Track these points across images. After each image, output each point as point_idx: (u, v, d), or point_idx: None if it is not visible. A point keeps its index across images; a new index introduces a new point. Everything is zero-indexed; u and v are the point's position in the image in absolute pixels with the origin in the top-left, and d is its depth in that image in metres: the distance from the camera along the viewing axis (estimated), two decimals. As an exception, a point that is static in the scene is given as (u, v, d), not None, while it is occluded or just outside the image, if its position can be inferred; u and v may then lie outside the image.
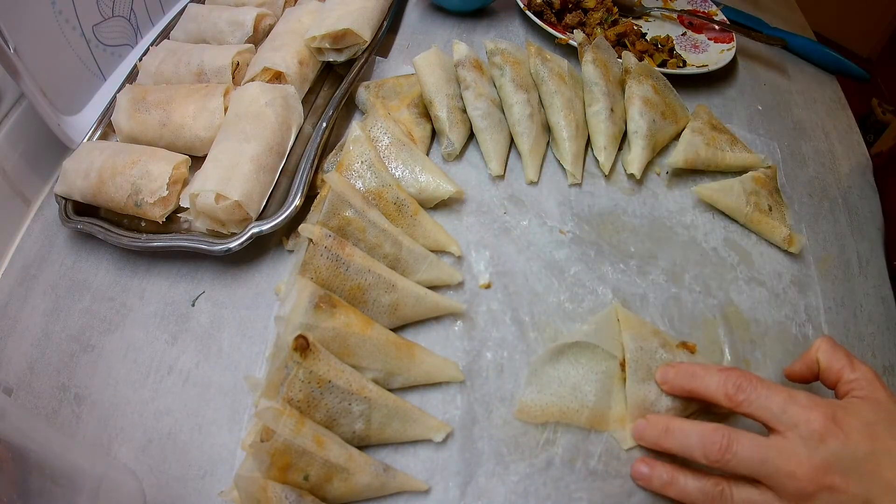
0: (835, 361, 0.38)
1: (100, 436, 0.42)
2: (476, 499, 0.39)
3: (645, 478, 0.39)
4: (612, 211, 0.55)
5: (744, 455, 0.35)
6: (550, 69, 0.58)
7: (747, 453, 0.35)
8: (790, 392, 0.35)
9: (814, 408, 0.34)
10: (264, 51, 0.58)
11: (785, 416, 0.34)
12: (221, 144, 0.50)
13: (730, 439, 0.35)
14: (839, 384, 0.38)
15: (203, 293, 0.48)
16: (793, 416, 0.34)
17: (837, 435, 0.33)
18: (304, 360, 0.37)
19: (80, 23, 0.55)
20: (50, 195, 0.55)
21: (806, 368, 0.40)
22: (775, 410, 0.35)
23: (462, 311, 0.47)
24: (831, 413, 0.34)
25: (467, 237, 0.52)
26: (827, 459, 0.33)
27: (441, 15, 0.73)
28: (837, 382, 0.38)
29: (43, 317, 0.48)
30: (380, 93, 0.60)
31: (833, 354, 0.38)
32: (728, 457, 0.35)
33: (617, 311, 0.45)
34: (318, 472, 0.36)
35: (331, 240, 0.43)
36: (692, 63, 0.68)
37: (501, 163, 0.56)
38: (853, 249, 0.56)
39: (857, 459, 0.33)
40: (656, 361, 0.42)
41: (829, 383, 0.39)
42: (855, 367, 0.37)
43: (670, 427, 0.38)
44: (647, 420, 0.40)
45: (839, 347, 0.39)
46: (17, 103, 0.53)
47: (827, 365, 0.38)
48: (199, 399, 0.43)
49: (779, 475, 0.34)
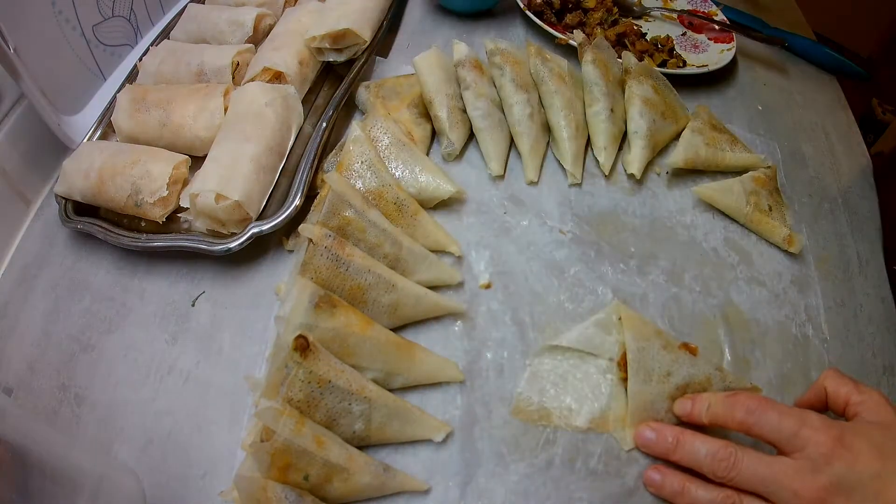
0: (841, 387, 0.39)
1: (100, 436, 0.42)
2: (476, 499, 0.39)
3: (657, 485, 0.39)
4: (612, 211, 0.55)
5: (749, 473, 0.36)
6: (550, 69, 0.58)
7: (752, 471, 0.36)
8: (801, 414, 0.36)
9: (823, 430, 0.35)
10: (264, 51, 0.58)
11: (795, 439, 0.35)
12: (221, 144, 0.50)
13: (737, 457, 0.36)
14: (847, 407, 0.38)
15: (203, 293, 0.48)
16: (802, 437, 0.35)
17: (845, 457, 0.34)
18: (304, 360, 0.37)
19: (80, 23, 0.55)
20: (50, 195, 0.55)
21: (815, 397, 0.41)
22: (786, 433, 0.35)
23: (462, 311, 0.47)
24: (839, 435, 0.35)
25: (467, 237, 0.52)
26: (832, 481, 0.33)
27: (441, 15, 0.73)
28: (846, 406, 0.38)
29: (43, 317, 0.48)
30: (380, 93, 0.60)
31: (839, 380, 0.39)
32: (733, 474, 0.36)
33: (619, 310, 0.45)
34: (318, 472, 0.36)
35: (331, 240, 0.43)
36: (692, 63, 0.68)
37: (501, 163, 0.56)
38: (853, 249, 0.56)
39: (864, 481, 0.33)
40: (658, 363, 0.42)
41: (837, 409, 0.39)
42: (861, 390, 0.38)
43: (680, 441, 0.39)
44: (654, 430, 0.40)
45: (846, 375, 0.40)
46: (17, 103, 0.53)
47: (834, 391, 0.39)
48: (199, 399, 0.43)
49: (783, 493, 0.34)
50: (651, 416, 0.41)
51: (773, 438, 0.36)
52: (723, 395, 0.40)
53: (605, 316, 0.45)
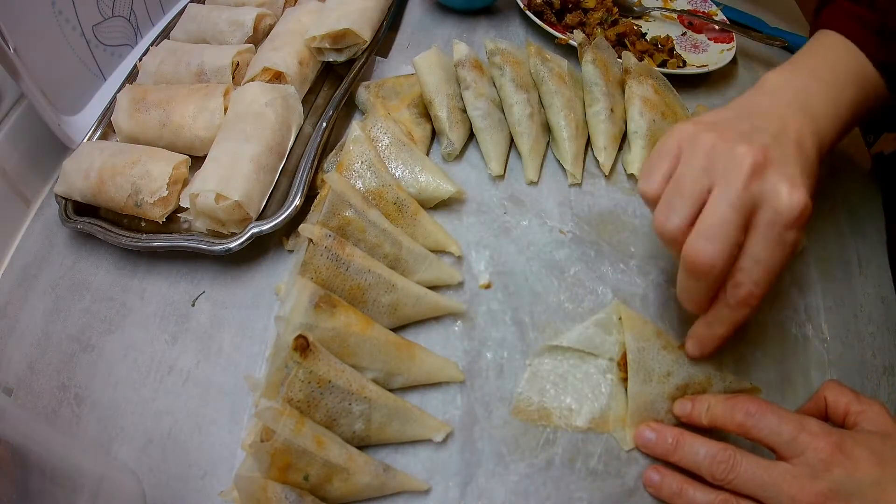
0: (841, 397, 0.39)
1: (100, 436, 0.42)
2: (476, 499, 0.39)
3: (655, 486, 0.39)
4: (612, 211, 0.55)
5: (747, 476, 0.36)
6: (550, 69, 0.58)
7: (751, 474, 0.35)
8: (800, 419, 0.36)
9: (822, 436, 0.35)
10: (264, 51, 0.58)
11: (794, 444, 0.35)
12: (221, 144, 0.50)
13: (735, 460, 0.36)
14: (847, 417, 0.38)
15: (203, 293, 0.48)
16: (801, 443, 0.35)
17: (844, 464, 0.34)
18: (304, 360, 0.37)
19: (80, 23, 0.55)
20: (50, 195, 0.55)
21: (814, 407, 0.40)
22: (785, 438, 0.35)
23: (462, 311, 0.47)
24: (839, 441, 0.34)
25: (467, 237, 0.52)
26: (830, 488, 0.33)
27: (441, 15, 0.73)
28: (845, 416, 0.38)
29: (43, 317, 0.48)
30: (380, 93, 0.60)
31: (840, 391, 0.39)
32: (732, 477, 0.36)
33: (620, 310, 0.45)
34: (318, 472, 0.36)
35: (331, 240, 0.43)
36: (692, 63, 0.68)
37: (501, 163, 0.56)
38: (853, 249, 0.55)
39: (862, 489, 0.33)
40: (658, 363, 0.42)
41: (837, 419, 0.39)
42: (862, 400, 0.38)
43: (680, 442, 0.39)
44: (654, 431, 0.40)
45: (846, 386, 0.40)
46: (17, 103, 0.53)
47: (834, 401, 0.39)
48: (199, 399, 0.43)
49: (781, 499, 0.34)
50: (651, 416, 0.41)
51: (771, 442, 0.36)
52: (723, 397, 0.40)
53: (605, 316, 0.45)
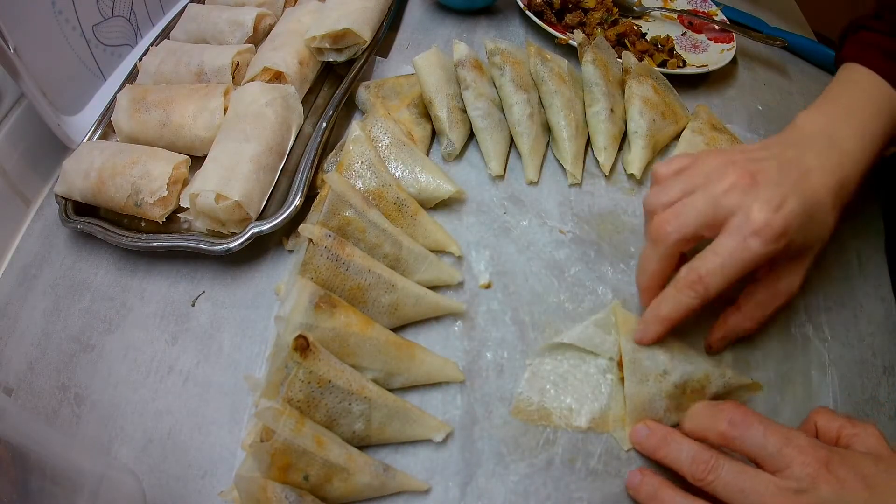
0: (833, 422, 0.38)
1: (100, 436, 0.42)
2: (476, 499, 0.39)
3: (634, 487, 0.39)
4: (612, 211, 0.55)
5: (726, 479, 0.34)
6: (550, 69, 0.58)
7: (732, 478, 0.34)
8: (788, 432, 0.35)
9: (810, 451, 0.34)
10: (264, 51, 0.58)
11: (779, 456, 0.34)
12: (221, 144, 0.50)
13: (717, 462, 0.35)
14: (839, 440, 0.37)
15: (203, 293, 0.48)
16: (787, 456, 0.34)
17: (831, 481, 0.32)
18: (304, 360, 0.37)
19: (80, 23, 0.55)
20: (50, 195, 0.55)
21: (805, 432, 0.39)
22: (770, 450, 0.34)
23: (462, 311, 0.47)
24: (827, 458, 0.33)
25: (467, 237, 0.52)
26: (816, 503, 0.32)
27: (441, 15, 0.73)
28: (838, 439, 0.37)
29: (43, 317, 0.48)
30: (380, 93, 0.60)
31: (831, 416, 0.38)
32: (711, 478, 0.35)
33: (616, 311, 0.45)
34: (318, 472, 0.36)
35: (331, 240, 0.43)
36: (692, 63, 0.68)
37: (501, 163, 0.56)
38: (853, 249, 0.55)
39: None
40: (654, 363, 0.42)
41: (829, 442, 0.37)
42: (855, 423, 0.37)
43: (668, 439, 0.39)
44: (648, 427, 0.40)
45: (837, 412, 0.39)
46: (17, 103, 0.53)
47: (825, 425, 0.38)
48: (199, 399, 0.43)
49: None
50: (650, 415, 0.41)
51: (755, 454, 0.35)
52: (708, 403, 0.39)
53: (604, 316, 0.45)
